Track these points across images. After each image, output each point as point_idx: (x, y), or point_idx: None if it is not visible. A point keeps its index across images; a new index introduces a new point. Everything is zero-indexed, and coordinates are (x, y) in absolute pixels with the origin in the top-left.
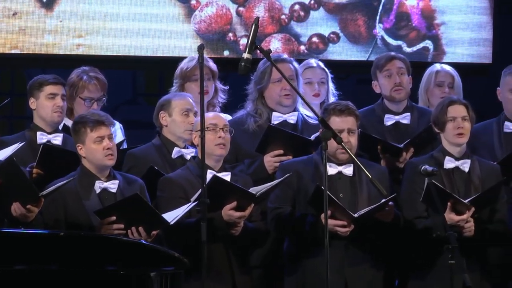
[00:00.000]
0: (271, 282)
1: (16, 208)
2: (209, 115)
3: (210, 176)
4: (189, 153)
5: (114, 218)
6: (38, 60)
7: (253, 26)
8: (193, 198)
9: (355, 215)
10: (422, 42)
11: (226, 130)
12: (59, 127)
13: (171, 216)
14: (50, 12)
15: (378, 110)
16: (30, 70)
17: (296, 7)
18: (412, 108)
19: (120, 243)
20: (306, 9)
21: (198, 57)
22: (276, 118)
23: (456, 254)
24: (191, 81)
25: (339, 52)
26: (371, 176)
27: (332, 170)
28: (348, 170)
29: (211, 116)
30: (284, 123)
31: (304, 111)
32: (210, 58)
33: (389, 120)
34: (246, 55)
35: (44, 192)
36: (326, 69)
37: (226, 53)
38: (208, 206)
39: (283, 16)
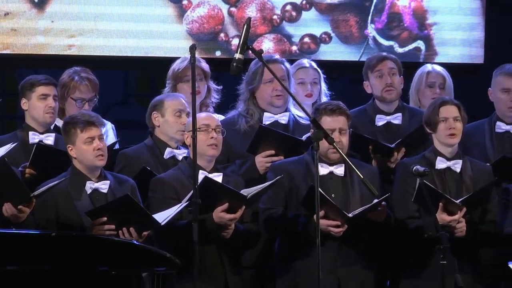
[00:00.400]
0: (263, 283)
1: (7, 208)
2: (201, 115)
3: (202, 176)
4: (181, 153)
5: (105, 219)
6: (30, 60)
7: (245, 26)
8: (184, 199)
9: (350, 215)
10: (414, 43)
11: (219, 131)
12: (51, 127)
13: (162, 217)
14: (41, 13)
15: (370, 110)
16: (21, 70)
17: (288, 7)
18: (403, 109)
19: (112, 243)
20: (298, 9)
21: (190, 57)
22: (268, 118)
23: (447, 255)
24: (183, 81)
25: (331, 52)
26: (362, 176)
27: (323, 170)
28: (339, 170)
29: (204, 117)
30: (276, 123)
31: (296, 112)
32: (202, 58)
33: (380, 120)
34: (237, 56)
35: (36, 192)
36: (319, 69)
37: (218, 53)
38: (199, 206)
39: (275, 17)
